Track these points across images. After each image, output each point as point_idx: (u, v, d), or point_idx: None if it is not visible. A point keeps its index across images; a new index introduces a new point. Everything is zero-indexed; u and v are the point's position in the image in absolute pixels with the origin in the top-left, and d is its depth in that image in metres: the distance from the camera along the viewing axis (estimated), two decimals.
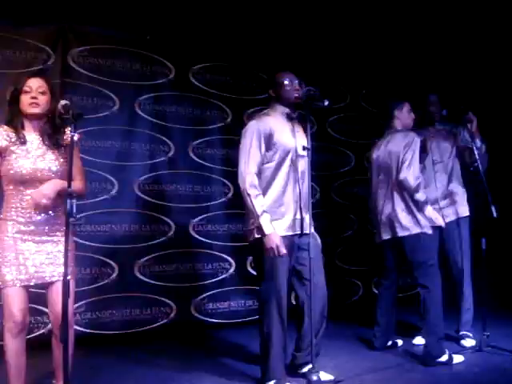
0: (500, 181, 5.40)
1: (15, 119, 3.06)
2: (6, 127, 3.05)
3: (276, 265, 3.54)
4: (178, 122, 5.51)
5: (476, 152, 4.52)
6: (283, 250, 3.46)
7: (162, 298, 5.25)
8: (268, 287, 3.58)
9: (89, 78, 5.04)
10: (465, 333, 4.69)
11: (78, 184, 3.12)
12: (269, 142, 3.60)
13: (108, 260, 5.01)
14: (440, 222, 4.38)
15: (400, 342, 4.65)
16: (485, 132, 4.76)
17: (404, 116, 4.57)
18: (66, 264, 2.63)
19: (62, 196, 3.05)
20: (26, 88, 3.04)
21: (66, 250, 2.65)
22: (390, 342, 4.58)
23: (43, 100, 3.06)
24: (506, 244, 6.22)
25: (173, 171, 5.44)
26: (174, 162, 5.46)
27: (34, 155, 3.02)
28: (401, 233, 4.32)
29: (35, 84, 3.06)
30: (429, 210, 4.32)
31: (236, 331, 5.30)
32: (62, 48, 4.96)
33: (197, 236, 5.49)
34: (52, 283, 3.04)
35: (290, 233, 3.63)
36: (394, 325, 4.63)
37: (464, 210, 4.81)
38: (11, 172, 2.99)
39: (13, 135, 3.02)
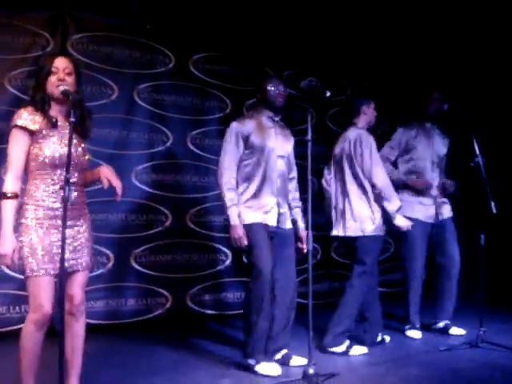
0: (498, 177, 5.37)
1: (42, 101, 2.89)
2: (30, 109, 2.88)
3: (259, 250, 3.81)
4: (177, 112, 5.47)
5: (476, 148, 4.52)
6: (245, 242, 3.80)
7: (158, 289, 5.23)
8: (254, 271, 3.81)
9: (88, 65, 4.98)
10: (447, 322, 4.91)
11: None
12: (246, 142, 3.92)
13: (104, 249, 4.98)
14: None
15: (388, 339, 4.62)
16: (484, 128, 4.75)
17: (370, 113, 4.63)
18: (62, 252, 2.57)
19: (83, 185, 3.06)
20: (53, 69, 2.89)
21: (63, 237, 2.58)
22: (379, 338, 4.56)
23: (70, 82, 2.91)
24: (503, 240, 6.20)
25: (171, 161, 5.41)
26: (172, 151, 5.44)
27: (61, 140, 2.89)
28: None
29: (62, 64, 2.92)
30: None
31: (232, 322, 5.29)
32: (61, 34, 4.91)
33: (194, 227, 5.46)
34: (74, 272, 2.94)
35: (267, 223, 3.91)
36: (381, 320, 4.60)
37: (450, 211, 5.02)
38: (43, 156, 2.84)
39: (41, 118, 2.87)
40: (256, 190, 3.92)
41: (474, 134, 4.57)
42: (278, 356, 3.96)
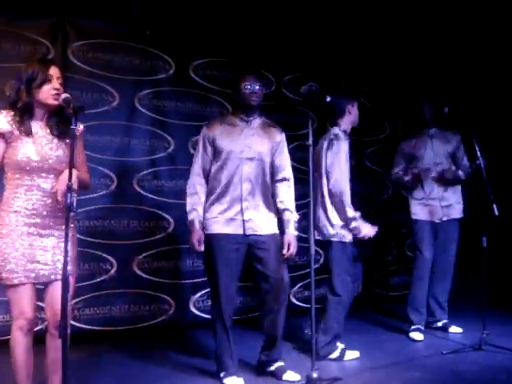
0: (500, 178, 5.37)
1: (24, 109, 2.88)
2: (7, 112, 2.88)
3: (216, 266, 3.72)
4: (178, 118, 5.47)
5: (478, 149, 4.53)
6: (201, 248, 3.73)
7: (161, 295, 5.23)
8: (211, 287, 3.82)
9: (88, 72, 5.00)
10: (446, 321, 5.06)
11: (84, 175, 3.04)
12: (213, 145, 3.82)
13: (107, 256, 4.98)
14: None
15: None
16: (485, 129, 4.76)
17: (354, 113, 4.53)
18: (65, 259, 2.56)
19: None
20: (49, 77, 2.90)
21: (66, 245, 2.57)
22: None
23: (62, 91, 2.92)
24: (505, 242, 6.20)
25: (172, 167, 5.41)
26: (173, 157, 5.43)
27: (41, 143, 2.89)
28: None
29: (56, 73, 2.93)
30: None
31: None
32: (62, 42, 4.92)
33: None
34: (52, 281, 2.92)
35: (229, 232, 3.74)
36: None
37: (458, 213, 5.10)
38: (17, 159, 2.84)
39: (16, 123, 2.86)
40: (218, 196, 3.79)
41: (474, 135, 4.58)
42: (272, 368, 3.87)
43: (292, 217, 3.87)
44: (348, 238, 4.26)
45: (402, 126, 6.79)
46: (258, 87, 3.83)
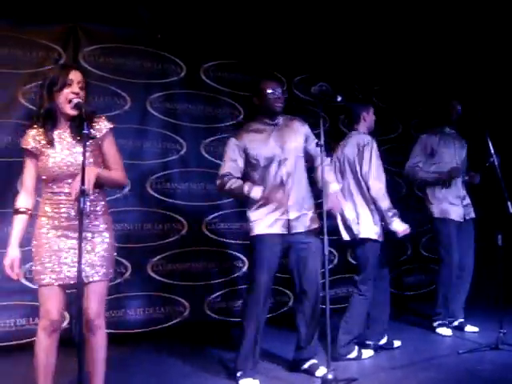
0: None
1: (48, 115, 2.91)
2: (34, 128, 2.94)
3: (260, 266, 3.75)
4: (190, 120, 5.49)
5: (491, 147, 4.51)
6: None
7: (176, 297, 5.25)
8: (251, 283, 3.79)
9: (100, 76, 5.02)
10: (462, 320, 5.06)
11: (115, 174, 3.04)
12: (245, 154, 3.83)
13: (121, 259, 5.00)
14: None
15: (397, 343, 4.58)
16: (499, 127, 4.73)
17: (370, 118, 4.59)
18: (79, 261, 2.58)
19: (100, 192, 3.02)
20: (68, 81, 2.90)
21: (80, 247, 2.58)
22: (384, 340, 4.55)
23: (83, 96, 2.93)
24: None
25: (185, 169, 5.43)
26: (186, 160, 5.45)
27: (62, 151, 2.91)
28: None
29: (76, 78, 2.93)
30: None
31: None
32: (73, 47, 4.95)
33: (210, 234, 5.47)
34: (88, 283, 2.92)
35: (274, 232, 3.78)
36: (386, 321, 4.58)
37: (473, 212, 5.15)
38: (44, 171, 2.91)
39: (41, 137, 2.91)
40: (264, 200, 3.80)
41: (488, 133, 4.55)
42: (306, 365, 3.91)
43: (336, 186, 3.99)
44: (379, 237, 4.30)
45: (415, 124, 6.76)
46: (281, 92, 3.86)
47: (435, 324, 4.98)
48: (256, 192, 3.73)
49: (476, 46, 6.26)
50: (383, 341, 4.53)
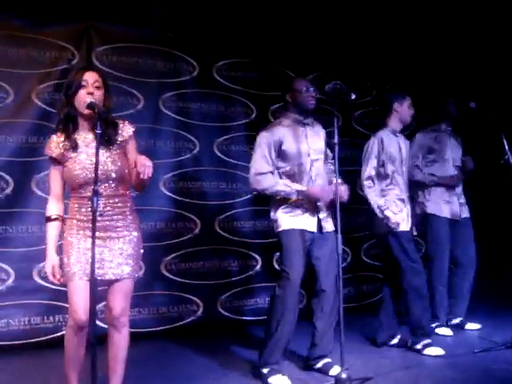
0: None
1: (67, 118, 2.95)
2: (57, 136, 2.97)
3: (291, 259, 3.74)
4: (203, 119, 5.49)
5: (505, 145, 4.49)
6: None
7: (189, 296, 5.25)
8: (281, 279, 3.76)
9: (113, 76, 5.01)
10: (462, 318, 5.08)
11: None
12: (279, 150, 3.81)
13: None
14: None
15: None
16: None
17: (404, 111, 4.54)
18: (93, 260, 2.61)
19: (122, 191, 3.05)
20: (83, 82, 2.91)
21: (93, 246, 2.62)
22: (395, 340, 4.54)
23: (99, 96, 2.94)
24: None
25: (198, 168, 5.43)
26: (199, 159, 5.45)
27: (88, 155, 2.94)
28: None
29: (91, 78, 2.94)
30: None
31: (263, 328, 5.27)
32: (86, 47, 4.97)
33: (223, 233, 5.47)
34: (114, 281, 2.98)
35: (306, 229, 3.80)
36: (394, 320, 4.60)
37: (468, 210, 5.15)
38: (70, 177, 2.95)
39: (65, 142, 2.94)
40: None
41: (502, 130, 4.51)
42: (319, 364, 3.88)
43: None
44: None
45: (427, 120, 6.71)
46: (313, 90, 3.87)
47: (433, 325, 4.87)
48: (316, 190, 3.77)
49: (490, 42, 6.20)
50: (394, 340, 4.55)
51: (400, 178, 4.51)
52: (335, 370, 3.72)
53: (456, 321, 5.07)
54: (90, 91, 2.91)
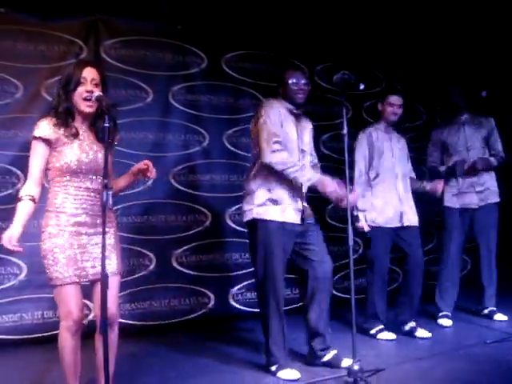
0: None
1: (66, 113, 2.91)
2: (50, 119, 2.90)
3: (270, 249, 3.69)
4: (212, 112, 5.48)
5: None
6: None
7: (200, 288, 5.26)
8: (263, 273, 3.73)
9: (121, 69, 5.03)
10: (492, 308, 5.04)
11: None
12: (281, 125, 3.74)
13: (145, 251, 5.02)
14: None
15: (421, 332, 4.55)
16: None
17: (384, 109, 4.68)
18: (103, 256, 2.58)
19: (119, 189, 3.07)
20: (81, 79, 2.89)
21: (104, 242, 2.59)
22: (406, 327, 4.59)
23: (97, 91, 2.90)
24: None
25: (208, 161, 5.43)
26: (208, 151, 5.45)
27: (88, 145, 2.92)
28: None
29: (90, 75, 2.91)
30: None
31: None
32: (94, 40, 4.97)
33: (233, 225, 5.47)
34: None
35: (287, 220, 3.73)
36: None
37: (495, 197, 5.07)
38: (67, 162, 2.86)
39: (61, 128, 2.89)
40: (277, 183, 3.74)
41: None
42: (328, 357, 3.81)
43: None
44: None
45: (440, 111, 6.67)
46: (304, 84, 3.83)
47: (439, 315, 4.98)
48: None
49: (503, 31, 6.14)
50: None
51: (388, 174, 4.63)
52: (347, 362, 3.68)
53: (486, 311, 5.08)
54: (88, 89, 2.89)
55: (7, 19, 4.67)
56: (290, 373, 3.63)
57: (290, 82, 3.80)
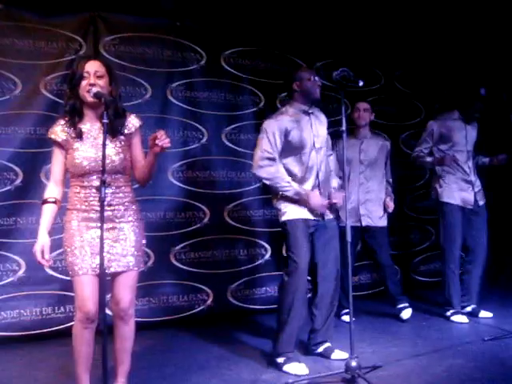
0: None
1: (73, 110, 2.95)
2: (62, 120, 2.98)
3: (298, 245, 3.79)
4: (211, 108, 5.47)
5: None
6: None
7: (199, 285, 5.26)
8: (295, 265, 3.79)
9: (120, 66, 5.01)
10: (474, 306, 5.09)
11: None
12: (285, 139, 3.84)
13: (144, 248, 5.00)
14: None
15: None
16: None
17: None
18: (101, 251, 2.62)
19: (125, 183, 3.07)
20: (84, 73, 2.91)
21: (102, 238, 2.63)
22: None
23: (102, 84, 2.93)
24: None
25: (206, 157, 5.42)
26: (207, 148, 5.43)
27: (93, 145, 2.94)
28: None
29: (92, 68, 2.93)
30: None
31: (273, 317, 5.27)
32: (93, 37, 4.95)
33: (232, 222, 5.47)
34: (118, 273, 2.98)
35: (309, 217, 3.86)
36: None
37: (484, 197, 5.13)
38: (73, 165, 2.94)
39: (70, 129, 2.95)
40: (298, 185, 3.87)
41: None
42: (320, 349, 3.95)
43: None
44: None
45: (437, 108, 6.68)
46: (318, 79, 3.92)
47: (448, 313, 4.96)
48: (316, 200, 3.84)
49: (501, 27, 6.13)
50: None
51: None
52: (337, 354, 3.86)
53: (469, 308, 5.06)
54: (91, 82, 2.91)
55: (6, 15, 4.66)
56: (298, 367, 3.68)
57: (308, 77, 3.89)
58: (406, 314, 4.93)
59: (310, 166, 3.89)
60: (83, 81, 2.91)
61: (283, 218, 3.88)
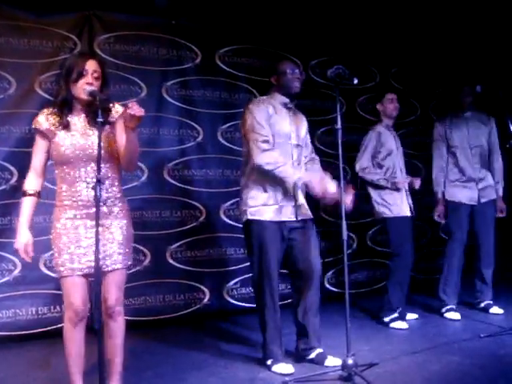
0: None
1: (63, 103, 2.93)
2: (49, 110, 2.95)
3: (265, 246, 3.69)
4: (206, 107, 5.46)
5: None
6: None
7: (195, 284, 5.26)
8: (258, 269, 3.75)
9: (115, 64, 5.00)
10: (489, 302, 5.10)
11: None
12: (269, 122, 3.71)
13: (140, 247, 5.01)
14: None
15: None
16: None
17: (383, 107, 5.16)
18: (97, 249, 2.61)
19: (114, 177, 3.02)
20: (84, 71, 2.90)
21: (97, 236, 2.62)
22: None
23: (97, 85, 2.92)
24: None
25: (202, 156, 5.42)
26: (203, 146, 5.43)
27: (82, 134, 2.91)
28: None
29: (92, 67, 2.92)
30: None
31: None
32: (88, 35, 4.94)
33: (228, 220, 5.47)
34: (107, 272, 2.95)
35: (277, 219, 3.72)
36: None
37: (494, 193, 5.13)
38: (57, 155, 2.91)
39: (56, 119, 2.92)
40: (269, 184, 3.73)
41: (508, 113, 4.48)
42: (313, 355, 3.80)
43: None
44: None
45: (434, 106, 6.69)
46: (298, 73, 3.85)
47: (443, 310, 4.98)
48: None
49: (497, 25, 6.13)
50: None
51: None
52: (330, 361, 3.71)
53: (482, 305, 5.10)
54: (89, 81, 2.90)
55: (0, 14, 4.65)
56: (284, 367, 3.63)
57: (286, 70, 3.81)
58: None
59: (287, 160, 3.72)
60: (81, 79, 2.90)
61: (253, 218, 3.76)
